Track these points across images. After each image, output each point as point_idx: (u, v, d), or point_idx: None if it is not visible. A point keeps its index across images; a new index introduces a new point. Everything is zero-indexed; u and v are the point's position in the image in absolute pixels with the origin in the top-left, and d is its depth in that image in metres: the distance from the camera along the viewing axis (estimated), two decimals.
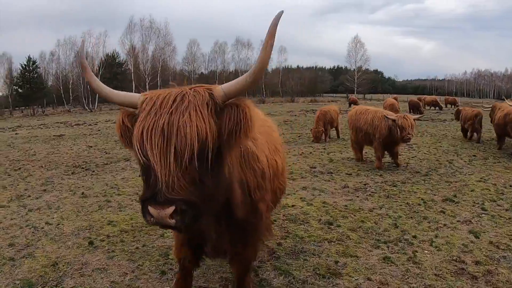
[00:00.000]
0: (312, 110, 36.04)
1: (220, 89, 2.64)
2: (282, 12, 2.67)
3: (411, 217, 6.98)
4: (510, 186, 9.07)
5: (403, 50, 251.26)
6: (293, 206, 7.63)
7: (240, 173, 3.23)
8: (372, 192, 8.63)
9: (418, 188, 8.89)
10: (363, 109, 12.35)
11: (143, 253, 5.59)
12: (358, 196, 8.32)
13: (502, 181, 9.56)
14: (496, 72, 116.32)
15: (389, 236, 6.13)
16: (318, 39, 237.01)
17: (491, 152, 14.04)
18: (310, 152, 14.07)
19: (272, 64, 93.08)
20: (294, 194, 8.49)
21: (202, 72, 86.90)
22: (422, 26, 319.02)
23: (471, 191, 8.63)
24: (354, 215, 7.11)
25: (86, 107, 58.82)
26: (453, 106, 41.56)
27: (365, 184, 9.34)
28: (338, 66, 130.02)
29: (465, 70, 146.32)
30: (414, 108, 32.99)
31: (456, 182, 9.46)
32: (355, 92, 77.67)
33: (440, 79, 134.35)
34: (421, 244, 5.81)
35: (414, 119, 10.69)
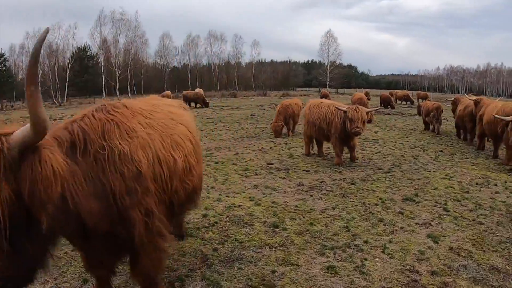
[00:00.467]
0: None
1: (13, 138, 2.22)
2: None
3: (366, 219, 6.38)
4: (477, 184, 8.56)
5: (378, 45, 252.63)
6: (239, 206, 6.98)
7: (102, 181, 2.87)
8: (327, 190, 8.00)
9: (378, 186, 8.29)
10: (316, 103, 11.71)
11: (70, 258, 5.06)
12: (311, 195, 7.67)
13: (468, 178, 9.06)
14: (468, 68, 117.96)
15: (337, 241, 5.50)
16: (294, 33, 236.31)
17: (459, 147, 13.70)
18: (270, 147, 13.34)
19: (245, 58, 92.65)
20: (244, 192, 7.82)
21: (175, 66, 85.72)
22: (397, 22, 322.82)
23: (434, 189, 8.08)
24: (304, 217, 6.47)
25: (55, 100, 57.04)
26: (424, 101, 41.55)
27: (321, 182, 8.68)
28: (312, 60, 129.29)
29: (438, 66, 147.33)
30: (385, 102, 32.73)
31: (419, 179, 8.91)
32: (327, 86, 77.36)
33: (414, 74, 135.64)
34: (372, 251, 5.20)
35: (367, 112, 10.08)
